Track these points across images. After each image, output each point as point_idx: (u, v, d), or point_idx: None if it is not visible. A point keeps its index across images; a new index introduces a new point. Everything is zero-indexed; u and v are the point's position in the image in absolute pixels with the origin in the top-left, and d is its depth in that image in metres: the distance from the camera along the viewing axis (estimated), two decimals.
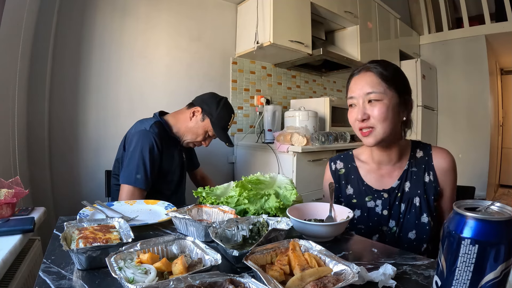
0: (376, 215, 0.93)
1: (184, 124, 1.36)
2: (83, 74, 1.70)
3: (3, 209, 0.84)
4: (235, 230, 0.69)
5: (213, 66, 2.25)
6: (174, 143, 1.37)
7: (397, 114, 0.85)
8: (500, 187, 4.74)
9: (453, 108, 3.71)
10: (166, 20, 2.00)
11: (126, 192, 1.18)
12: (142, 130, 1.26)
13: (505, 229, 0.40)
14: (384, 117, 0.83)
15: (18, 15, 1.26)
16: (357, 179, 0.98)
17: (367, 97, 0.84)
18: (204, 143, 1.41)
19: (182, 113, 1.39)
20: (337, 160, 1.04)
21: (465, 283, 0.41)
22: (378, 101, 0.83)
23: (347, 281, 0.47)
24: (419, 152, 0.93)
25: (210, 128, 1.35)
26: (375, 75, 0.85)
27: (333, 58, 2.46)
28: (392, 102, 0.84)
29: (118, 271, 0.48)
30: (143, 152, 1.21)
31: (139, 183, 1.19)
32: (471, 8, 3.58)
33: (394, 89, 0.84)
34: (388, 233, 0.92)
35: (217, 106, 1.35)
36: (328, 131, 2.26)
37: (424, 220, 0.88)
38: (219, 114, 1.35)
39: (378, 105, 0.83)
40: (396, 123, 0.86)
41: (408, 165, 0.93)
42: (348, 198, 0.99)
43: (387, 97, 0.83)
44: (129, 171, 1.20)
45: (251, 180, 0.91)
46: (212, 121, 1.34)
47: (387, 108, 0.83)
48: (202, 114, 1.35)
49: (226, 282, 0.44)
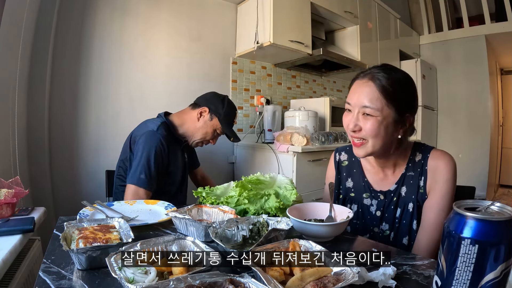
0: (370, 214, 0.93)
1: (192, 125, 1.40)
2: (83, 74, 1.70)
3: (3, 209, 0.84)
4: (235, 230, 0.69)
5: (213, 66, 2.25)
6: (178, 144, 1.39)
7: (390, 132, 0.81)
8: (500, 187, 4.74)
9: (453, 108, 3.71)
10: (166, 20, 2.00)
11: (131, 193, 1.20)
12: (149, 131, 1.27)
13: (505, 229, 0.40)
14: (375, 133, 0.79)
15: (18, 15, 1.26)
16: (359, 174, 0.97)
17: (362, 110, 0.80)
18: (212, 141, 1.46)
19: (187, 114, 1.42)
20: (342, 151, 1.03)
21: (465, 283, 0.41)
22: (371, 116, 0.79)
23: (347, 281, 0.47)
24: (418, 155, 0.89)
25: (219, 126, 1.41)
26: (376, 88, 0.79)
27: (333, 58, 2.46)
28: (387, 119, 0.80)
29: (118, 271, 0.48)
30: (150, 153, 1.23)
31: (144, 184, 1.21)
32: (471, 8, 3.57)
33: (394, 106, 0.79)
34: (380, 235, 0.92)
35: (223, 104, 1.40)
36: (328, 131, 2.27)
37: (414, 227, 0.87)
38: (226, 112, 1.40)
39: (372, 120, 0.79)
40: (388, 139, 0.82)
41: (406, 169, 0.89)
42: (347, 191, 0.99)
43: (382, 114, 0.79)
44: (135, 172, 1.22)
45: (251, 180, 0.91)
46: (221, 120, 1.39)
47: (379, 125, 0.79)
48: (210, 114, 1.39)
49: (226, 282, 0.44)
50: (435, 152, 0.87)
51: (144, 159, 1.22)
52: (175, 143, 1.36)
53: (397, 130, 0.82)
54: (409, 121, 0.83)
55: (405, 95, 0.82)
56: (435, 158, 0.86)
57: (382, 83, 0.79)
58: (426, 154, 0.87)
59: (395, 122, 0.81)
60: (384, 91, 0.79)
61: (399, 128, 0.83)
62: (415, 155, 0.89)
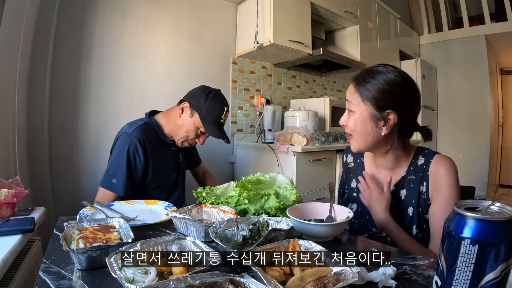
0: (368, 214, 0.93)
1: (174, 122, 1.28)
2: (83, 74, 1.70)
3: (3, 209, 0.84)
4: (235, 230, 0.69)
5: (213, 66, 2.25)
6: (166, 144, 1.31)
7: (369, 128, 0.82)
8: (500, 187, 4.74)
9: (453, 108, 3.71)
10: (166, 20, 2.00)
11: (101, 196, 1.16)
12: (124, 133, 1.21)
13: (505, 229, 0.40)
14: (353, 128, 0.85)
15: (18, 15, 1.26)
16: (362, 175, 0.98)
17: (347, 105, 0.86)
18: (197, 140, 1.31)
19: (172, 111, 1.31)
20: (349, 153, 1.05)
21: (465, 283, 0.41)
22: (352, 112, 0.85)
23: (347, 281, 0.47)
24: (421, 159, 0.87)
25: (200, 124, 1.25)
26: (353, 85, 0.85)
27: (333, 58, 2.46)
28: (363, 115, 0.82)
29: (118, 271, 0.48)
30: (121, 156, 1.17)
31: (114, 188, 1.16)
32: (471, 8, 3.57)
33: (370, 102, 0.81)
34: (377, 235, 0.92)
35: (206, 99, 1.24)
36: (328, 131, 2.27)
37: (414, 232, 0.86)
38: (209, 108, 1.23)
39: (352, 116, 0.85)
40: (368, 135, 0.83)
41: (407, 172, 0.88)
42: (351, 191, 1.00)
43: (359, 110, 0.83)
44: (106, 175, 1.18)
45: (251, 180, 0.91)
46: (201, 116, 1.24)
47: (355, 121, 0.84)
48: (191, 109, 1.25)
49: (226, 282, 0.44)
50: (437, 157, 0.86)
51: (115, 163, 1.17)
52: (160, 144, 1.28)
53: (378, 126, 0.82)
54: (392, 118, 0.81)
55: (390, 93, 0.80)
56: (436, 164, 0.84)
57: (359, 81, 0.84)
58: (429, 159, 0.86)
59: (374, 118, 0.82)
60: (358, 89, 0.83)
61: (381, 125, 0.82)
62: (418, 158, 0.88)
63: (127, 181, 1.17)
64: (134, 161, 1.19)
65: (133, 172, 1.19)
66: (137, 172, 1.21)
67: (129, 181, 1.18)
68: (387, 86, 0.80)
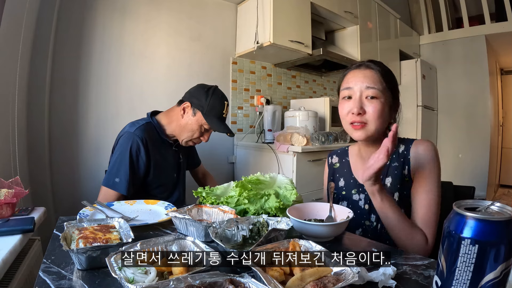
0: (359, 208, 0.94)
1: (177, 123, 1.29)
2: (83, 74, 1.70)
3: (3, 209, 0.84)
4: (235, 230, 0.69)
5: (213, 66, 2.25)
6: (168, 144, 1.32)
7: (388, 115, 0.88)
8: (500, 187, 4.74)
9: (453, 108, 3.71)
10: (166, 20, 2.00)
11: (103, 195, 1.16)
12: (126, 133, 1.21)
13: (505, 229, 0.40)
14: (379, 115, 0.84)
15: (18, 15, 1.26)
16: (349, 172, 1.00)
17: (366, 92, 0.85)
18: (202, 138, 1.33)
19: (174, 111, 1.32)
20: (333, 155, 1.08)
21: (465, 283, 0.41)
22: (375, 98, 0.84)
23: (347, 281, 0.47)
24: (401, 147, 0.91)
25: (204, 122, 1.26)
26: (376, 73, 0.86)
27: (333, 58, 2.46)
28: (388, 102, 0.86)
29: (118, 271, 0.48)
30: (124, 155, 1.17)
31: (117, 187, 1.16)
32: (471, 8, 3.57)
33: (390, 90, 0.87)
34: (370, 228, 0.92)
35: (206, 96, 1.27)
36: (328, 131, 2.27)
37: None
38: (210, 104, 1.26)
39: (375, 103, 0.84)
40: (386, 122, 0.88)
41: (390, 160, 0.90)
42: (339, 190, 1.01)
43: (384, 96, 0.85)
44: (108, 175, 1.18)
45: (251, 180, 0.91)
46: (204, 113, 1.25)
47: (383, 107, 0.84)
48: (193, 108, 1.27)
49: (226, 282, 0.44)
50: (416, 141, 0.91)
51: (117, 162, 1.18)
52: (161, 144, 1.29)
53: (391, 114, 0.89)
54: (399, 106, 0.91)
55: (395, 81, 0.91)
56: (416, 146, 0.89)
57: (380, 69, 0.87)
58: (409, 145, 0.90)
59: (392, 106, 0.88)
60: (384, 75, 0.86)
61: (393, 112, 0.90)
62: (399, 146, 0.92)
63: (130, 180, 1.18)
64: (137, 160, 1.20)
65: (135, 171, 1.20)
66: (140, 171, 1.21)
67: (131, 180, 1.18)
68: (394, 76, 0.91)
